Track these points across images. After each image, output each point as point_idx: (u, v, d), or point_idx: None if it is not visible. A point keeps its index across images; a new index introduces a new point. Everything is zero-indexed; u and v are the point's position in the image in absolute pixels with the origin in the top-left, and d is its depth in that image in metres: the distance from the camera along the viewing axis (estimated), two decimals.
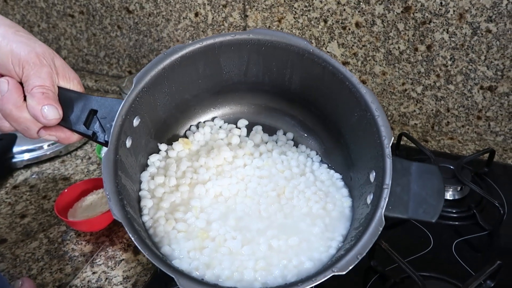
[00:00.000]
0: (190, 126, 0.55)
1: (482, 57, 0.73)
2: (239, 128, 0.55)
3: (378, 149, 0.42)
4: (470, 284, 0.47)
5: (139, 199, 0.46)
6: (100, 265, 0.57)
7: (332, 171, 0.52)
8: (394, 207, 0.40)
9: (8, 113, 0.38)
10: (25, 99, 0.39)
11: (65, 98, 0.41)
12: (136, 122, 0.44)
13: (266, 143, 0.55)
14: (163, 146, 0.51)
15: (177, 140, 0.52)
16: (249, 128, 0.55)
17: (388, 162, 0.41)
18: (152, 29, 0.94)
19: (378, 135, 0.42)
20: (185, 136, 0.54)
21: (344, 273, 0.37)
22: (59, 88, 0.41)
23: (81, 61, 1.08)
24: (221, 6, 0.85)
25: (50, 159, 0.79)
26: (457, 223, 0.62)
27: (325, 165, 0.53)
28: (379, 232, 0.39)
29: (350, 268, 0.37)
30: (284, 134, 0.56)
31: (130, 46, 0.99)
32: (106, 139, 0.41)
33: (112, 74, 1.07)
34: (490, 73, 0.74)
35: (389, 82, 0.81)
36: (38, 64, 0.38)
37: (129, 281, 0.55)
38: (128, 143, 0.43)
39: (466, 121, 0.80)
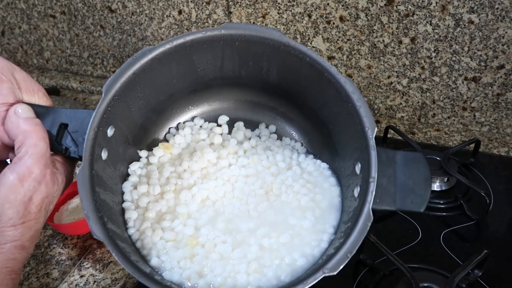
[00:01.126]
0: (169, 128, 0.54)
1: (466, 48, 0.73)
2: (220, 126, 0.54)
3: (362, 140, 0.41)
4: (457, 274, 0.48)
5: (122, 212, 0.45)
6: (88, 268, 0.57)
7: (318, 161, 0.52)
8: (381, 199, 0.40)
9: None
10: None
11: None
12: (110, 132, 0.42)
13: (250, 139, 0.54)
14: (143, 153, 0.50)
15: (157, 145, 0.51)
16: (230, 124, 0.55)
17: (373, 154, 0.40)
18: (135, 28, 0.93)
19: (361, 126, 0.41)
20: (165, 139, 0.53)
21: (335, 273, 0.37)
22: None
23: (64, 62, 1.06)
24: (204, 3, 0.84)
25: None
26: (444, 214, 0.63)
27: (311, 156, 0.53)
28: (368, 228, 0.38)
29: (341, 267, 0.37)
30: (267, 127, 0.55)
31: (114, 45, 0.98)
32: (79, 154, 0.40)
33: (97, 75, 1.05)
34: (473, 64, 0.74)
35: (374, 76, 0.81)
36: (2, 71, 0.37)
37: (118, 283, 0.54)
38: (104, 155, 0.42)
39: (452, 112, 0.81)
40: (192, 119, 0.55)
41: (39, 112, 0.39)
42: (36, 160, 0.35)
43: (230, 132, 0.54)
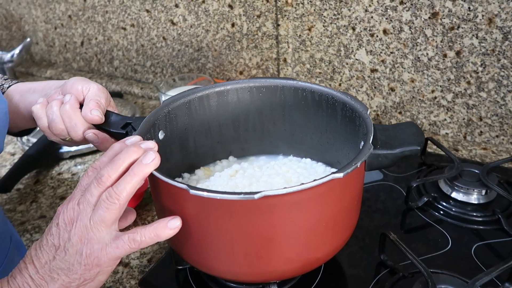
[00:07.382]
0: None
1: None
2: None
3: (360, 123, 0.48)
4: (479, 279, 0.45)
5: None
6: None
7: (328, 167, 0.58)
8: (382, 147, 0.45)
9: (66, 110, 0.50)
10: (80, 108, 0.51)
11: (109, 114, 0.52)
12: (161, 135, 0.51)
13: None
14: (186, 174, 0.58)
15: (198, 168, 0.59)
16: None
17: (368, 119, 0.46)
18: (193, 39, 1.01)
19: (357, 114, 0.49)
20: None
21: (341, 175, 0.39)
22: (107, 110, 0.52)
23: (130, 70, 1.18)
24: (255, 16, 0.90)
25: (93, 152, 0.86)
26: (480, 227, 0.60)
27: (321, 163, 0.59)
28: (369, 151, 0.42)
29: (347, 171, 0.39)
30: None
31: (173, 55, 1.07)
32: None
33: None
34: None
35: (418, 90, 0.81)
36: (101, 89, 0.53)
37: (145, 257, 0.58)
38: (161, 136, 0.51)
39: (501, 131, 0.77)
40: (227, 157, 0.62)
41: (115, 114, 0.52)
42: None
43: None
